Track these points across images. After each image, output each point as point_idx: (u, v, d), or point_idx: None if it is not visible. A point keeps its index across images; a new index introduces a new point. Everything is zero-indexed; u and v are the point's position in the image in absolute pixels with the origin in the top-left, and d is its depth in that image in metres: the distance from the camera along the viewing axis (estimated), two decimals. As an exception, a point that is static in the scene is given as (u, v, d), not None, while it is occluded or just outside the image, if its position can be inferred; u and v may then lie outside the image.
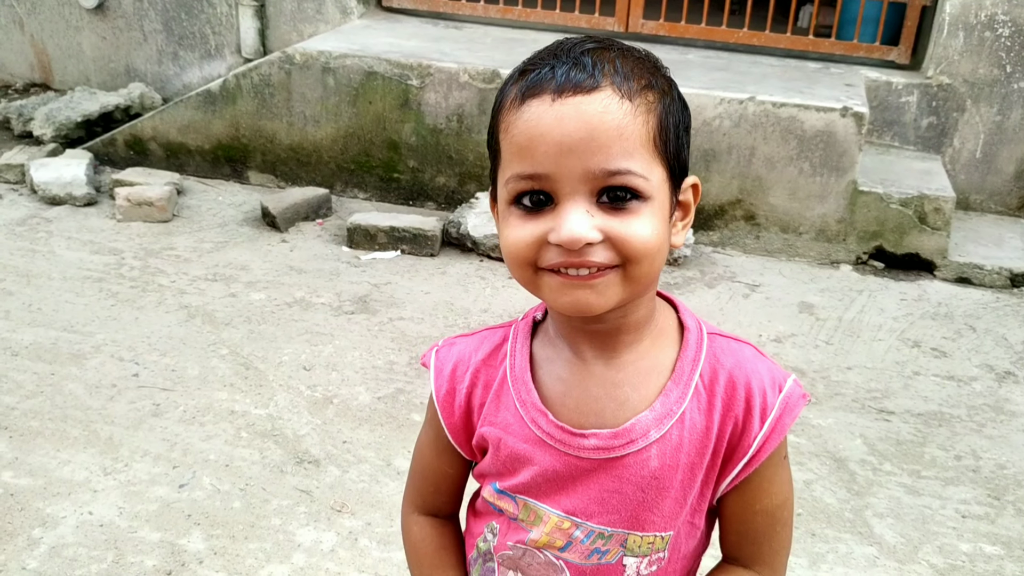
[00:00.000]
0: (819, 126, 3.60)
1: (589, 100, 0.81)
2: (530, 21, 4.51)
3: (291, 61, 4.00)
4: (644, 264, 0.85)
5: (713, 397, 0.93)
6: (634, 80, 0.84)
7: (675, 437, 0.93)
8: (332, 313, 3.15)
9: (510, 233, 0.86)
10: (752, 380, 0.94)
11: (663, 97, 0.86)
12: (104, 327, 2.98)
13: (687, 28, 4.37)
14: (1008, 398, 2.88)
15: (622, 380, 0.94)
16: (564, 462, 0.94)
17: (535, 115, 0.82)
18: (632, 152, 0.82)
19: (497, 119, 0.88)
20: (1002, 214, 4.12)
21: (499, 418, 0.98)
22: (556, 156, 0.81)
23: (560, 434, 0.94)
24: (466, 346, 1.03)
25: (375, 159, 4.07)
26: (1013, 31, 3.87)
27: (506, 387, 0.98)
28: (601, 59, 0.84)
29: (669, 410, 0.93)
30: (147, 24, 4.81)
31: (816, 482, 2.42)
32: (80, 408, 2.56)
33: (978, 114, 4.02)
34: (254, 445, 2.45)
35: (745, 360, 0.95)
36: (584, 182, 0.82)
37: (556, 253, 0.84)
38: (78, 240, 3.59)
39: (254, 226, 3.81)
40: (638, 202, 0.84)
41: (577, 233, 0.81)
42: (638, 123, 0.83)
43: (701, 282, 3.53)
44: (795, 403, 0.95)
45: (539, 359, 0.98)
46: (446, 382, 1.03)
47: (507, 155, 0.86)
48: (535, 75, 0.84)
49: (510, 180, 0.85)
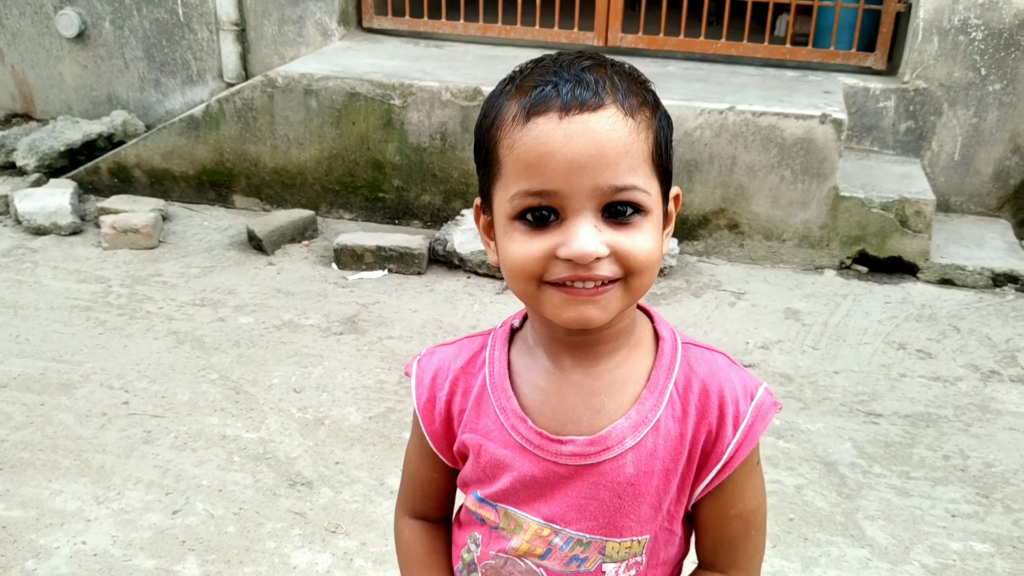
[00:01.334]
0: (799, 134, 3.64)
1: (596, 118, 0.84)
2: (510, 38, 4.55)
3: (273, 84, 4.02)
4: (645, 276, 0.89)
5: (687, 405, 0.96)
6: (633, 97, 0.87)
7: (650, 444, 0.95)
8: (321, 334, 3.16)
9: (516, 248, 0.88)
10: (725, 389, 0.97)
11: (655, 112, 0.90)
12: (93, 356, 2.98)
13: (666, 40, 4.41)
14: (994, 397, 2.91)
15: (599, 388, 0.96)
16: (543, 468, 0.96)
17: (543, 132, 0.84)
18: (636, 168, 0.85)
19: (494, 135, 0.89)
20: (982, 215, 4.16)
21: (479, 424, 1.00)
22: (565, 173, 0.83)
23: (539, 440, 0.96)
24: (446, 354, 1.06)
25: (360, 179, 4.09)
26: (986, 34, 3.93)
27: (486, 394, 1.00)
28: (601, 76, 0.86)
29: (644, 418, 0.95)
30: (128, 52, 4.82)
31: (807, 486, 2.44)
32: (71, 438, 2.56)
33: (955, 117, 4.06)
34: (247, 469, 2.45)
35: (718, 369, 0.98)
36: (592, 198, 0.85)
37: (564, 267, 0.86)
38: (64, 269, 3.59)
39: (240, 250, 3.81)
40: (640, 216, 0.87)
41: (588, 248, 0.84)
42: (640, 139, 0.86)
43: (687, 291, 3.55)
44: (766, 411, 0.97)
45: (517, 367, 1.00)
46: (426, 390, 1.05)
47: (512, 172, 0.87)
48: (539, 92, 0.85)
49: (516, 196, 0.87)
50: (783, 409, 2.79)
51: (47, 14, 4.83)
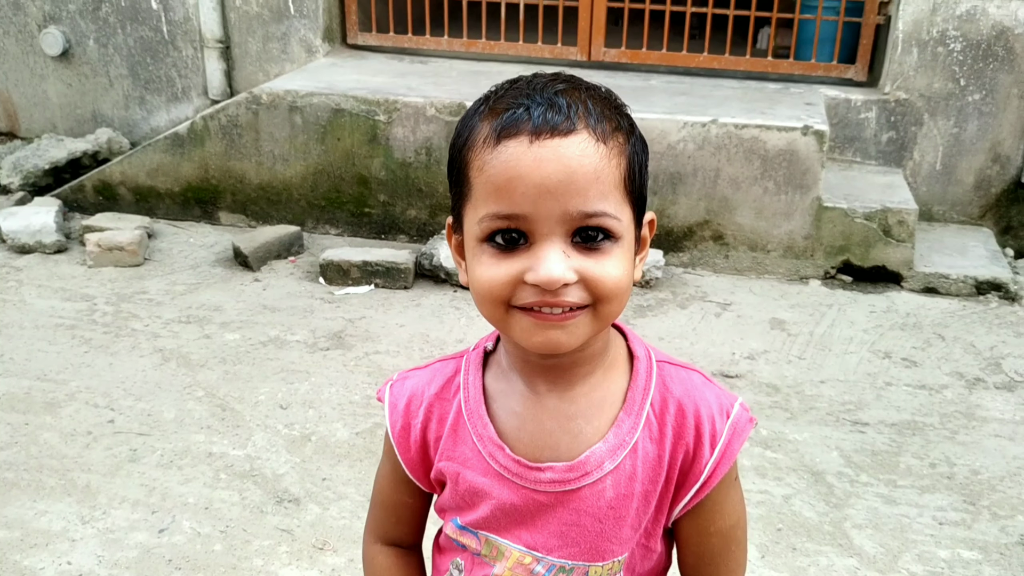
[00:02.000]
0: (781, 145, 3.66)
1: (567, 143, 0.83)
2: (494, 53, 4.57)
3: (258, 101, 4.03)
4: (614, 303, 0.88)
5: (664, 426, 0.96)
6: (606, 122, 0.86)
7: (629, 467, 0.95)
8: (307, 350, 3.15)
9: (483, 271, 0.87)
10: (701, 408, 0.96)
11: (629, 137, 0.89)
12: (78, 374, 2.96)
13: (648, 55, 4.44)
14: (979, 404, 2.92)
15: (575, 413, 0.95)
16: (522, 496, 0.96)
17: (513, 156, 0.83)
18: (607, 194, 0.85)
19: (465, 155, 0.88)
20: (964, 223, 4.19)
21: (457, 452, 0.99)
22: (535, 197, 0.83)
23: (517, 468, 0.95)
24: (419, 380, 1.04)
25: (345, 195, 4.09)
26: (964, 45, 3.97)
27: (462, 421, 0.99)
28: (574, 100, 0.85)
29: (622, 441, 0.95)
30: (113, 69, 4.82)
31: (795, 496, 2.45)
32: (56, 457, 2.54)
33: (936, 127, 4.10)
34: (233, 486, 2.44)
35: (693, 388, 0.98)
36: (561, 223, 0.84)
37: (531, 292, 0.85)
38: (49, 288, 3.57)
39: (226, 266, 3.81)
40: (610, 243, 0.86)
41: (556, 274, 0.83)
42: (612, 166, 0.85)
43: (673, 303, 3.57)
44: (743, 427, 0.97)
45: (492, 392, 0.99)
46: (400, 417, 1.03)
47: (481, 194, 0.86)
48: (510, 115, 0.85)
49: (484, 219, 0.86)
50: (770, 419, 2.79)
51: (31, 33, 4.83)
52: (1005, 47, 3.94)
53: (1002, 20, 3.90)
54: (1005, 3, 3.88)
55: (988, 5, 3.90)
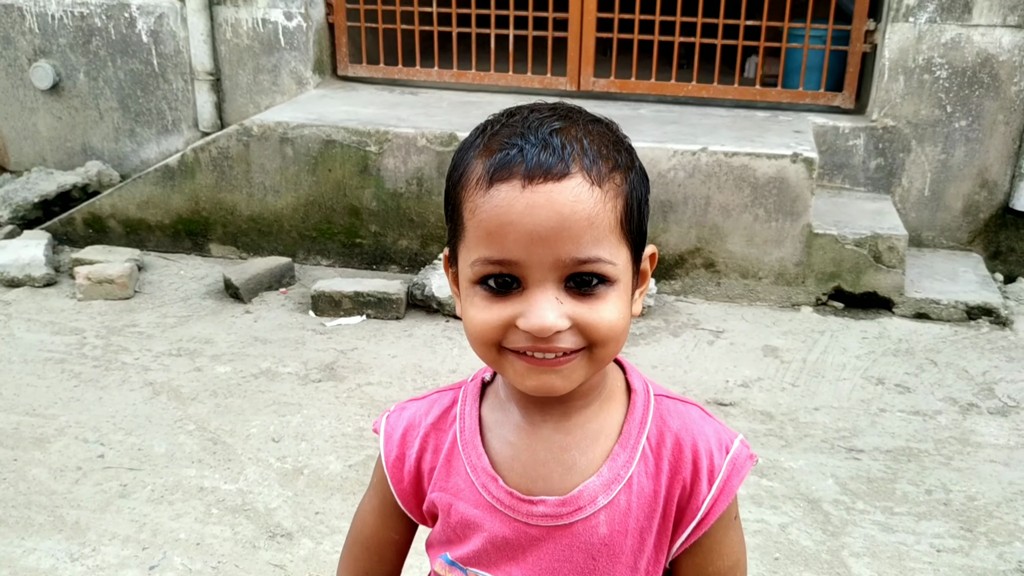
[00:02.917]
0: (771, 173, 3.68)
1: (560, 188, 0.81)
2: (484, 84, 4.59)
3: (249, 133, 4.03)
4: (610, 346, 0.87)
5: (660, 460, 0.94)
6: (602, 162, 0.84)
7: (623, 502, 0.93)
8: (299, 382, 3.13)
9: (476, 314, 0.86)
10: (699, 442, 0.94)
11: (628, 174, 0.87)
12: (67, 409, 2.94)
13: (637, 84, 4.47)
14: (973, 430, 2.92)
15: (570, 444, 0.94)
16: (514, 529, 0.94)
17: (505, 201, 0.82)
18: (601, 240, 0.83)
19: (459, 194, 0.87)
20: (954, 249, 4.22)
21: (450, 483, 0.98)
22: (527, 244, 0.81)
23: (509, 500, 0.94)
24: (416, 410, 1.03)
25: (337, 225, 4.09)
26: (950, 73, 4.01)
27: (456, 451, 0.98)
28: (569, 139, 0.83)
29: (616, 475, 0.93)
30: (103, 102, 4.82)
31: (791, 525, 2.43)
32: (45, 493, 2.51)
33: (923, 154, 4.13)
34: (225, 521, 2.41)
35: (692, 422, 0.96)
36: (554, 270, 0.83)
37: (523, 337, 0.84)
38: (38, 322, 3.55)
39: (217, 298, 3.79)
40: (605, 287, 0.85)
41: (548, 322, 0.82)
42: (607, 209, 0.83)
43: (666, 331, 3.56)
44: (742, 464, 0.95)
45: (488, 422, 0.98)
46: (395, 447, 1.02)
47: (473, 237, 0.85)
48: (503, 156, 0.83)
49: (476, 263, 0.85)
50: (765, 447, 2.78)
51: (21, 66, 4.83)
52: (990, 74, 3.98)
53: (986, 47, 3.95)
54: (989, 31, 3.93)
55: (972, 33, 3.94)
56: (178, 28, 4.60)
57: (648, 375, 2.53)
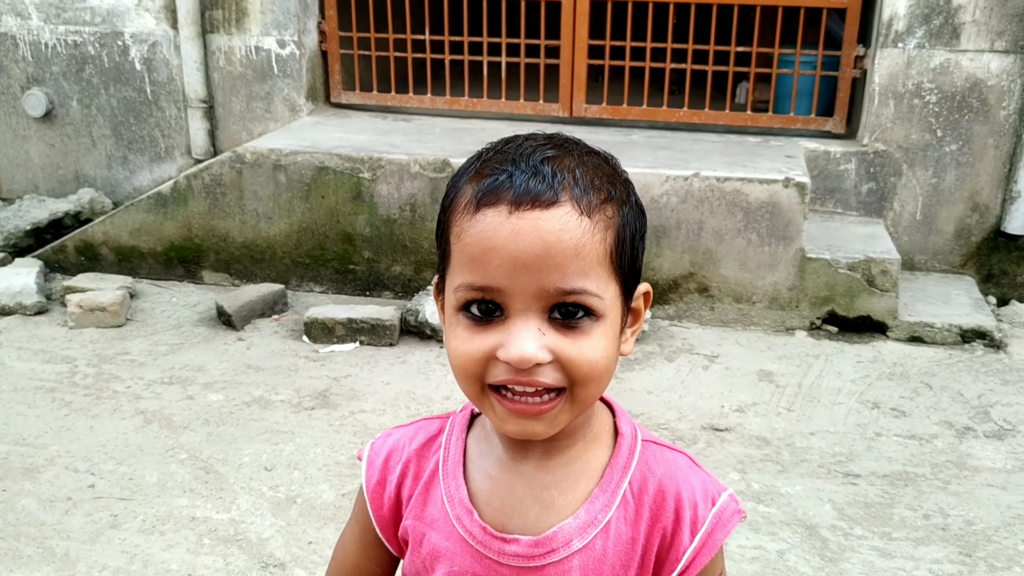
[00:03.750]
0: (763, 198, 3.69)
1: (547, 216, 0.79)
2: (477, 110, 4.60)
3: (242, 160, 4.03)
4: (591, 387, 0.84)
5: (641, 507, 0.91)
6: (594, 193, 0.82)
7: (599, 548, 0.89)
8: (292, 410, 3.11)
9: (458, 345, 0.84)
10: (683, 491, 0.91)
11: (621, 207, 0.84)
12: (58, 438, 2.91)
13: (629, 110, 4.49)
14: (970, 453, 2.91)
15: (550, 483, 0.91)
16: (484, 566, 0.91)
17: (490, 227, 0.80)
18: (588, 271, 0.81)
19: (448, 218, 0.85)
20: (947, 272, 4.22)
21: (426, 512, 0.95)
22: (510, 271, 0.79)
23: (483, 535, 0.91)
24: (402, 436, 1.01)
25: (330, 252, 4.08)
26: (940, 97, 4.04)
27: (437, 480, 0.95)
28: (561, 168, 0.82)
29: (594, 518, 0.90)
30: (95, 130, 4.83)
31: (789, 551, 2.41)
32: (34, 524, 2.48)
33: (915, 178, 4.15)
34: (217, 552, 2.38)
35: (677, 470, 0.93)
36: (537, 299, 0.80)
37: (504, 370, 0.82)
38: (29, 350, 3.52)
39: (209, 326, 3.77)
40: (590, 321, 0.82)
41: (527, 353, 0.80)
42: (596, 241, 0.81)
43: (661, 356, 3.55)
44: (728, 518, 0.92)
45: (472, 454, 0.96)
46: (377, 472, 1.00)
47: (458, 262, 0.83)
48: (492, 181, 0.81)
49: (460, 288, 0.83)
50: (762, 472, 2.77)
51: (14, 94, 4.84)
52: (979, 98, 4.01)
53: (975, 72, 3.98)
54: (977, 56, 3.96)
55: (961, 58, 3.98)
56: (171, 56, 4.61)
57: (643, 400, 2.51)
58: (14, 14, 4.71)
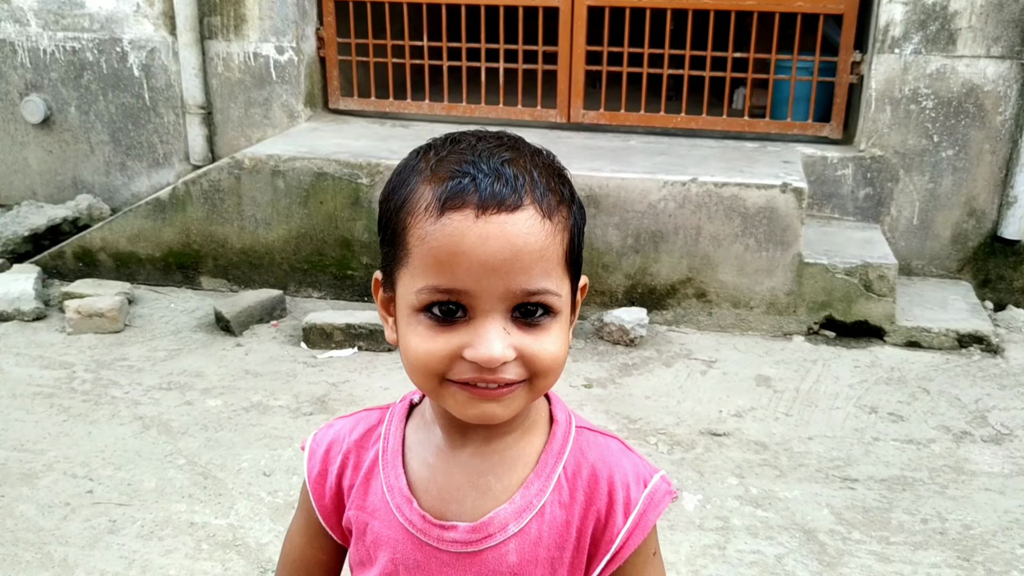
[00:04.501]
0: (761, 203, 3.70)
1: (513, 220, 0.81)
2: (475, 116, 4.61)
3: (240, 166, 4.04)
4: (550, 377, 0.88)
5: (575, 491, 0.94)
6: (551, 195, 0.85)
7: (534, 531, 0.92)
8: (291, 415, 3.11)
9: (420, 344, 0.85)
10: (615, 474, 0.94)
11: (571, 207, 0.88)
12: (56, 444, 2.91)
13: (627, 116, 4.50)
14: (967, 458, 2.92)
15: (487, 469, 0.94)
16: (425, 554, 0.93)
17: (458, 231, 0.81)
18: (550, 272, 0.84)
19: (404, 218, 0.85)
20: (944, 277, 4.23)
21: (367, 502, 0.97)
22: (479, 275, 0.81)
23: (422, 523, 0.93)
24: (343, 427, 1.03)
25: (328, 258, 4.09)
26: (936, 103, 4.05)
27: (376, 470, 0.98)
28: (520, 171, 0.84)
29: (529, 503, 0.93)
30: (94, 136, 4.83)
31: (787, 556, 2.42)
32: (32, 530, 2.48)
33: (911, 183, 4.17)
34: (216, 557, 2.38)
35: (610, 454, 0.96)
36: (503, 300, 0.83)
37: (469, 368, 0.84)
38: (27, 356, 3.52)
39: (208, 331, 3.77)
40: (549, 318, 0.85)
41: (496, 353, 0.82)
42: (556, 242, 0.84)
43: (658, 361, 3.56)
44: (660, 499, 0.95)
45: (410, 443, 0.98)
46: (319, 463, 1.02)
47: (421, 265, 0.84)
48: (455, 184, 0.82)
49: (423, 290, 0.84)
50: (760, 477, 2.77)
51: (12, 101, 4.84)
52: (975, 104, 4.02)
53: (971, 78, 3.99)
54: (974, 62, 3.98)
55: (957, 64, 3.99)
56: (170, 62, 4.62)
57: (641, 406, 2.52)
58: (13, 20, 4.72)
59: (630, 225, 3.79)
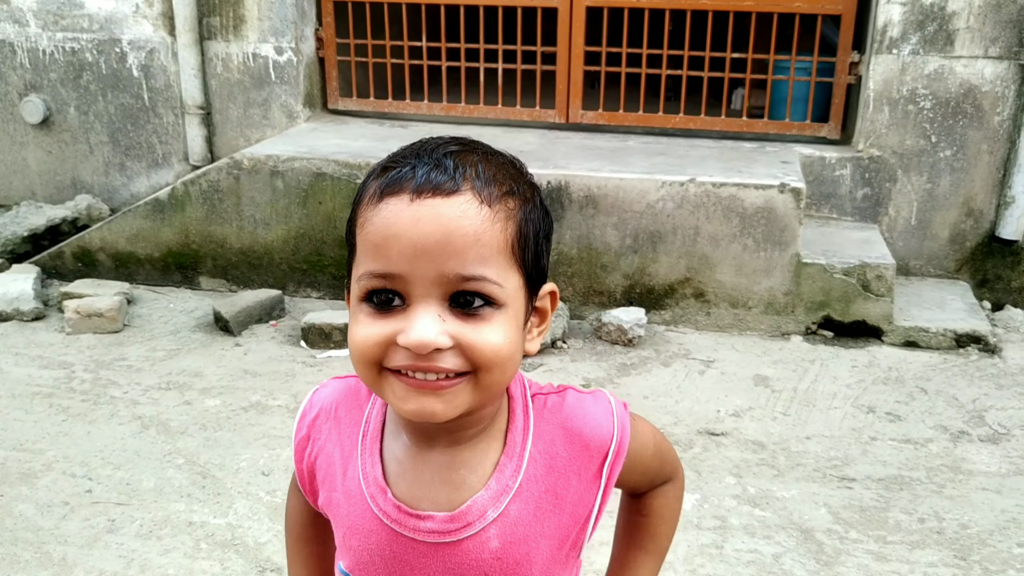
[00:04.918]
0: (759, 203, 3.71)
1: (447, 203, 0.81)
2: (473, 117, 4.62)
3: (239, 166, 4.04)
4: (495, 372, 0.85)
5: (553, 459, 0.94)
6: (495, 186, 0.84)
7: (515, 512, 0.92)
8: (290, 415, 3.11)
9: (358, 331, 0.85)
10: (583, 427, 0.96)
11: (524, 204, 0.86)
12: (55, 443, 2.91)
13: (625, 116, 4.51)
14: (964, 457, 2.92)
15: (459, 464, 0.93)
16: (402, 544, 0.92)
17: (392, 213, 0.82)
18: (487, 258, 0.82)
19: (354, 213, 0.88)
20: (941, 277, 4.24)
21: (344, 485, 0.97)
22: (411, 257, 0.81)
23: (397, 514, 0.93)
24: (334, 395, 1.03)
25: (327, 258, 4.09)
26: (934, 103, 4.06)
27: (355, 454, 0.97)
28: (463, 162, 0.84)
29: (505, 486, 0.92)
30: (93, 136, 4.84)
31: (785, 555, 2.42)
32: (31, 529, 2.48)
33: (909, 183, 4.17)
34: (214, 557, 2.39)
35: (570, 409, 0.97)
36: (437, 285, 0.82)
37: (404, 355, 0.83)
38: (26, 356, 3.52)
39: (207, 331, 3.78)
40: (491, 309, 0.83)
41: (426, 337, 0.81)
42: (496, 229, 0.83)
43: (657, 361, 3.56)
44: (625, 421, 0.99)
45: (388, 429, 0.98)
46: (306, 427, 1.03)
47: (361, 251, 0.85)
48: (395, 173, 0.84)
49: (363, 277, 0.84)
50: (758, 476, 2.78)
51: (12, 101, 4.85)
52: (973, 104, 4.03)
53: (969, 79, 4.00)
54: (971, 62, 3.98)
55: (955, 64, 4.00)
56: (169, 63, 4.63)
57: (639, 405, 2.53)
58: (12, 21, 4.73)
59: (628, 225, 3.79)
